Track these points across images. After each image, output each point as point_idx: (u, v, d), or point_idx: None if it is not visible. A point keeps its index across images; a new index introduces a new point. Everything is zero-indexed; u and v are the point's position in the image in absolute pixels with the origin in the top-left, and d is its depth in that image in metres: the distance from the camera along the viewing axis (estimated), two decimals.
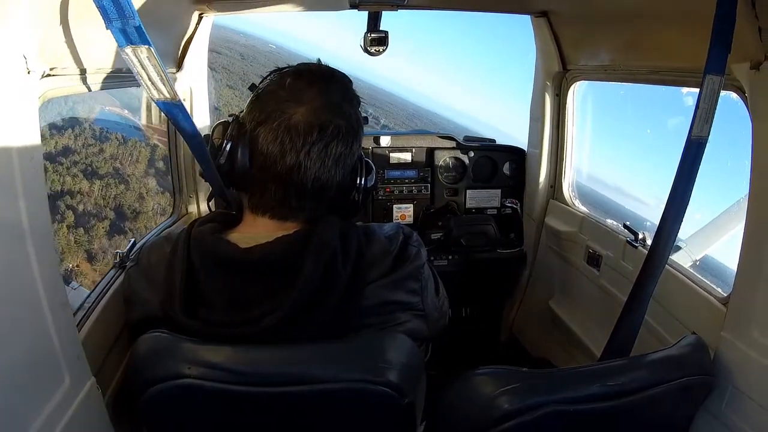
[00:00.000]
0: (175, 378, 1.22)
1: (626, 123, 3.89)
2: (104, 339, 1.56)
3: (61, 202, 24.62)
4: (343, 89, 1.40)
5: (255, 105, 1.37)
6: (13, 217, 1.05)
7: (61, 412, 1.16)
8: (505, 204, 3.40)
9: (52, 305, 1.15)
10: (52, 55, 1.29)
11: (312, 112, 1.32)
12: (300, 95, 1.33)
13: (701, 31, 1.50)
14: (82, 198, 26.01)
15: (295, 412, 1.31)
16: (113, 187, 27.58)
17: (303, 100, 1.32)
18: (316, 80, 1.36)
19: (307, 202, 1.38)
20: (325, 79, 1.38)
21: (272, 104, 1.33)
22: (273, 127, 1.32)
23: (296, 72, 1.39)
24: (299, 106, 1.32)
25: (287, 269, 1.29)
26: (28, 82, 1.11)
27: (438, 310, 1.55)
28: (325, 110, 1.33)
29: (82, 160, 27.96)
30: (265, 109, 1.34)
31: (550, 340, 3.15)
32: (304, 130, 1.31)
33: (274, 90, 1.35)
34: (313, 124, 1.31)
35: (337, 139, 1.34)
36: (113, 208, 26.76)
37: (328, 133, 1.33)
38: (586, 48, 2.68)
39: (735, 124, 1.72)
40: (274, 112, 1.32)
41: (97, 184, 27.31)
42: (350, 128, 1.37)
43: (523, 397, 1.30)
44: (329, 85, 1.38)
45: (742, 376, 1.54)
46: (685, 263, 2.11)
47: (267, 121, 1.32)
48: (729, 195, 2.29)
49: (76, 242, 23.07)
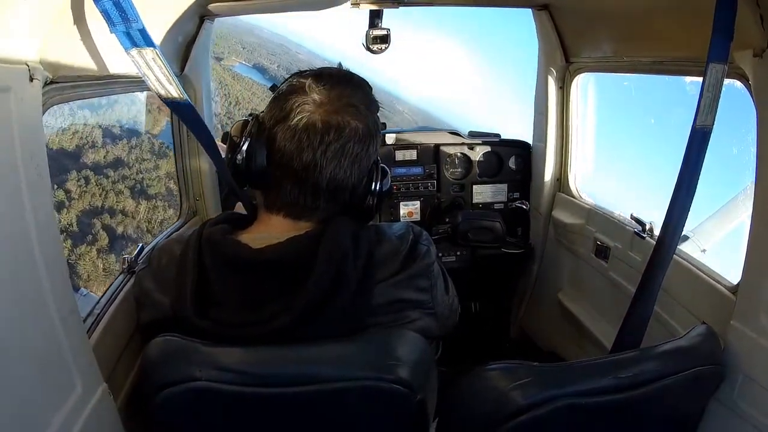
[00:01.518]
0: (187, 381, 1.22)
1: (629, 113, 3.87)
2: (115, 344, 1.57)
3: (98, 221, 23.42)
4: (362, 93, 1.41)
5: (275, 104, 1.38)
6: (20, 226, 1.06)
7: (73, 419, 1.17)
8: (512, 198, 3.40)
9: (61, 313, 1.15)
10: (56, 63, 1.30)
11: (330, 112, 1.33)
12: (319, 95, 1.34)
13: (703, 20, 1.49)
14: (124, 219, 24.65)
15: (308, 412, 1.31)
16: (161, 210, 26.04)
17: (322, 100, 1.34)
18: (336, 83, 1.37)
19: (321, 201, 1.39)
20: (345, 82, 1.39)
21: (292, 103, 1.34)
22: (291, 125, 1.33)
23: (317, 74, 1.40)
24: (318, 106, 1.33)
25: (298, 270, 1.29)
26: (31, 90, 1.12)
27: (448, 307, 1.55)
28: (343, 111, 1.34)
29: (132, 176, 26.47)
30: (285, 108, 1.35)
31: (560, 333, 3.14)
32: (321, 130, 1.32)
33: (295, 90, 1.36)
34: (330, 123, 1.32)
35: (353, 140, 1.35)
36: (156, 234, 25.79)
37: (345, 134, 1.34)
38: (588, 40, 2.68)
39: (740, 111, 1.71)
40: (293, 111, 1.33)
41: (143, 205, 25.83)
42: (367, 131, 1.38)
43: (535, 391, 1.31)
44: (348, 87, 1.38)
45: (752, 364, 1.54)
46: (693, 253, 2.10)
47: (286, 120, 1.34)
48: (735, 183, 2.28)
49: (104, 270, 21.66)
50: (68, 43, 1.34)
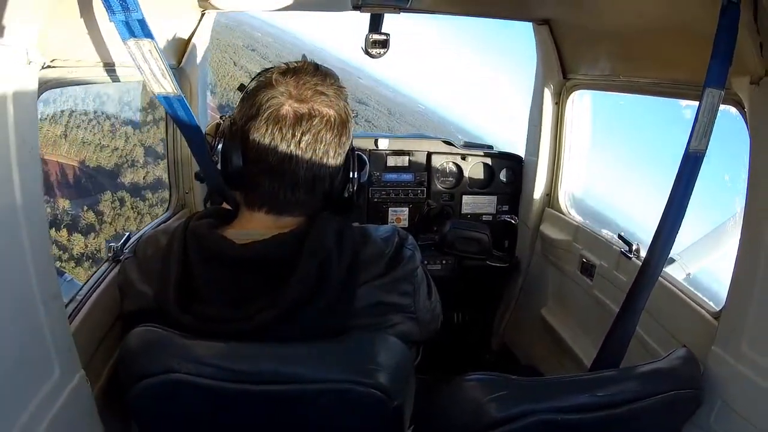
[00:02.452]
0: (165, 372, 1.22)
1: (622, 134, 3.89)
2: (95, 332, 1.57)
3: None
4: (329, 80, 1.40)
5: (245, 102, 1.38)
6: (9, 208, 1.06)
7: (49, 404, 1.16)
8: (501, 211, 3.41)
9: (43, 297, 1.15)
10: (53, 47, 1.29)
11: (299, 102, 1.33)
12: (287, 88, 1.34)
13: (702, 44, 1.50)
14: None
15: (284, 410, 1.31)
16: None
17: (290, 91, 1.34)
18: (303, 73, 1.37)
19: (301, 194, 1.38)
20: (311, 73, 1.39)
21: (261, 98, 1.34)
22: (263, 119, 1.32)
23: (282, 68, 1.40)
24: (287, 97, 1.33)
25: (282, 267, 1.29)
26: (27, 72, 1.11)
27: (430, 312, 1.55)
28: (312, 100, 1.34)
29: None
30: (254, 104, 1.35)
31: (541, 348, 3.15)
32: (293, 120, 1.32)
33: (262, 86, 1.36)
34: (301, 113, 1.33)
35: (325, 128, 1.35)
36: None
37: (316, 123, 1.34)
38: (587, 57, 2.69)
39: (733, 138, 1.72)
40: (262, 105, 1.33)
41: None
42: (339, 117, 1.38)
43: (511, 405, 1.31)
44: (315, 76, 1.38)
45: (731, 390, 1.54)
46: (678, 276, 2.11)
47: (257, 116, 1.33)
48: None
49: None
50: (67, 28, 1.34)
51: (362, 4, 2.45)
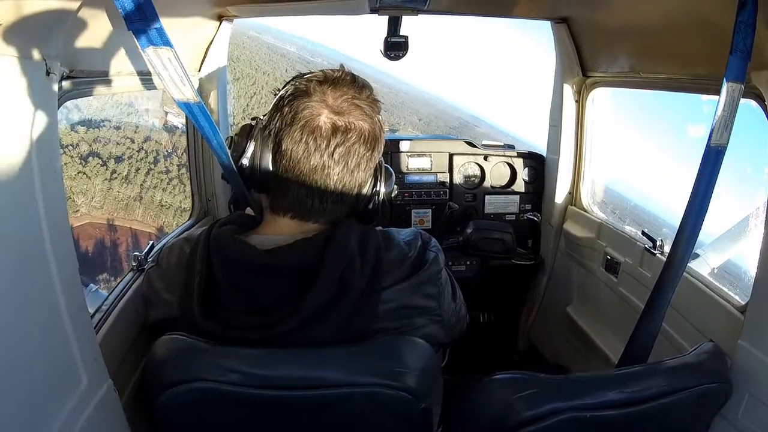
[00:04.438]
0: (193, 381, 1.23)
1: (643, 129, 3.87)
2: (121, 341, 1.58)
3: None
4: (365, 93, 1.40)
5: (279, 108, 1.38)
6: (32, 220, 1.07)
7: (78, 414, 1.17)
8: (524, 210, 3.41)
9: (69, 308, 1.16)
10: (72, 58, 1.31)
11: (337, 113, 1.33)
12: (324, 98, 1.34)
13: (721, 38, 1.49)
14: None
15: (312, 415, 1.32)
16: None
17: (327, 102, 1.33)
18: (340, 84, 1.37)
19: (328, 204, 1.39)
20: (348, 84, 1.39)
21: (296, 106, 1.34)
22: (298, 128, 1.32)
23: (320, 76, 1.39)
24: (324, 108, 1.33)
25: (306, 272, 1.30)
26: (47, 84, 1.13)
27: (455, 315, 1.55)
28: (348, 112, 1.34)
29: None
30: (290, 111, 1.34)
31: (568, 346, 3.14)
32: (329, 132, 1.32)
33: (299, 93, 1.36)
34: (337, 125, 1.33)
35: (359, 142, 1.35)
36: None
37: (351, 135, 1.34)
38: (605, 54, 2.68)
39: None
40: (298, 113, 1.33)
41: None
42: (372, 132, 1.38)
43: (540, 403, 1.31)
44: (352, 88, 1.38)
45: (759, 384, 1.53)
46: (703, 271, 2.10)
47: (292, 123, 1.33)
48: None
49: None
50: (86, 38, 1.36)
51: (380, 6, 2.46)
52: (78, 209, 33.05)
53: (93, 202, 34.18)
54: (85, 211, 33.16)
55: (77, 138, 34.68)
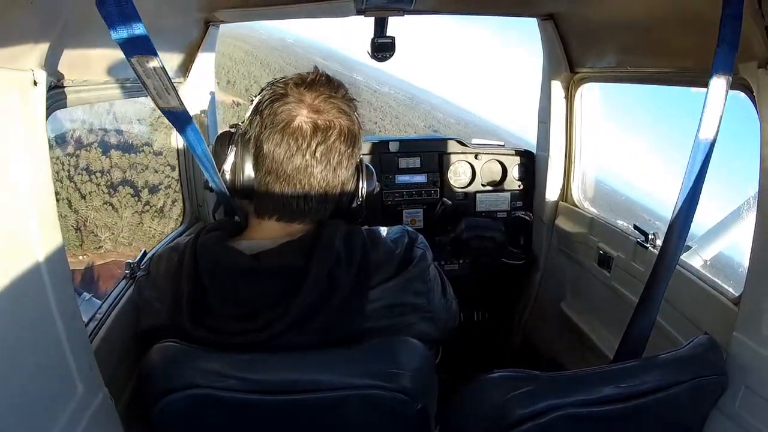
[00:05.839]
0: (188, 387, 1.23)
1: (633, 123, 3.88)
2: (116, 350, 1.57)
3: None
4: (341, 93, 1.41)
5: (258, 112, 1.38)
6: (23, 230, 1.06)
7: (74, 423, 1.17)
8: (515, 207, 3.41)
9: (63, 317, 1.15)
10: (60, 68, 1.30)
11: (315, 112, 1.34)
12: (302, 98, 1.34)
13: (708, 31, 1.49)
14: None
15: (308, 419, 1.32)
16: None
17: (305, 102, 1.34)
18: (316, 84, 1.38)
19: (313, 203, 1.39)
20: (324, 84, 1.39)
21: (276, 109, 1.34)
22: (278, 130, 1.33)
23: (296, 78, 1.40)
24: (302, 108, 1.33)
25: (293, 275, 1.30)
26: (35, 94, 1.12)
27: (446, 310, 1.56)
28: (327, 111, 1.35)
29: None
30: (269, 114, 1.35)
31: (562, 342, 3.14)
32: (309, 131, 1.33)
33: (277, 97, 1.36)
34: (317, 124, 1.33)
35: (339, 139, 1.36)
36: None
37: (331, 134, 1.35)
38: (593, 50, 2.68)
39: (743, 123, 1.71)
40: (278, 116, 1.34)
41: None
42: (351, 129, 1.39)
43: (536, 401, 1.31)
44: (329, 88, 1.39)
45: (755, 375, 1.53)
46: (696, 263, 2.10)
47: (272, 126, 1.34)
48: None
49: None
50: (72, 48, 1.35)
51: (366, 8, 2.46)
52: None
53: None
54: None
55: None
